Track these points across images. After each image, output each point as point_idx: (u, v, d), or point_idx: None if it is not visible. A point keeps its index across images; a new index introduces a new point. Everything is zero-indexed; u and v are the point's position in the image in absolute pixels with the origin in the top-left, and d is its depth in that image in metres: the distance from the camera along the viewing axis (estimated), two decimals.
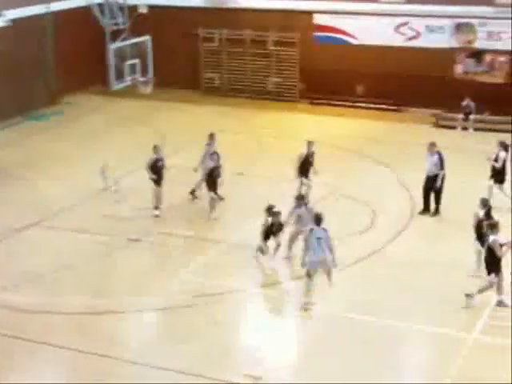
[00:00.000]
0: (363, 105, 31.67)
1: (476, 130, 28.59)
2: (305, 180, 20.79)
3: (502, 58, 30.21)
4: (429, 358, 14.03)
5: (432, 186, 20.23)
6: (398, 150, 26.10)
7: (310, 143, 21.02)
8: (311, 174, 20.88)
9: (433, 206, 20.38)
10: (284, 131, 28.44)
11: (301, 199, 17.53)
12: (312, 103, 32.54)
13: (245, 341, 14.86)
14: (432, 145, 20.41)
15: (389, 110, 31.23)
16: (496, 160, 20.73)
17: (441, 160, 20.19)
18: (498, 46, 30.07)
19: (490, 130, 28.19)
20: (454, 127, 29.02)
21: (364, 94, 31.84)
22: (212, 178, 19.99)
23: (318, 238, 15.17)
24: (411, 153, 25.37)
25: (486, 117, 29.05)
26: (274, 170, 23.53)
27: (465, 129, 28.85)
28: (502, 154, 20.65)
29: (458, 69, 30.97)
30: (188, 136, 26.88)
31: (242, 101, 32.54)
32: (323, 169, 21.64)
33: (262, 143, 26.86)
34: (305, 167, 20.83)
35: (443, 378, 13.00)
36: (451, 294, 15.88)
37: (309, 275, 15.34)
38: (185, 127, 28.60)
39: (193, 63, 34.14)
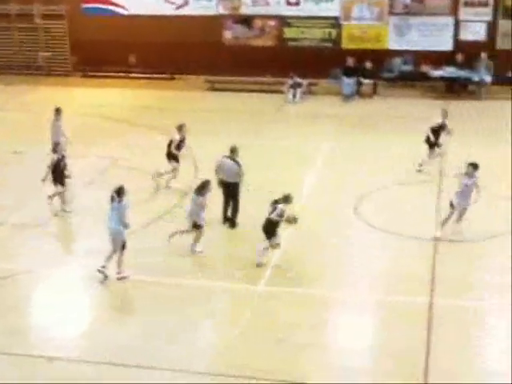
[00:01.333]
0: (137, 75, 31.79)
1: (251, 91, 29.64)
2: (176, 164, 19.91)
3: (271, 22, 31.37)
4: (220, 312, 14.51)
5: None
6: (174, 117, 26.37)
7: (181, 126, 20.00)
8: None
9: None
10: (59, 106, 27.85)
11: (206, 186, 16.25)
12: (85, 76, 32.22)
13: (37, 321, 14.58)
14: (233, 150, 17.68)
15: (163, 78, 31.58)
16: (436, 131, 20.60)
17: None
18: (265, 11, 31.19)
19: (264, 91, 29.49)
20: (228, 90, 29.92)
21: (137, 64, 31.94)
22: (58, 171, 18.50)
23: (112, 209, 15.21)
24: (188, 118, 25.79)
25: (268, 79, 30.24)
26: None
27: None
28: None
29: (227, 35, 31.80)
30: None
31: (12, 77, 31.57)
32: (102, 141, 21.56)
33: (37, 120, 26.21)
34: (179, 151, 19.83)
35: (233, 329, 13.53)
36: (238, 250, 16.59)
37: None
38: None
39: None
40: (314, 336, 13.41)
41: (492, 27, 29.89)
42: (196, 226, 16.32)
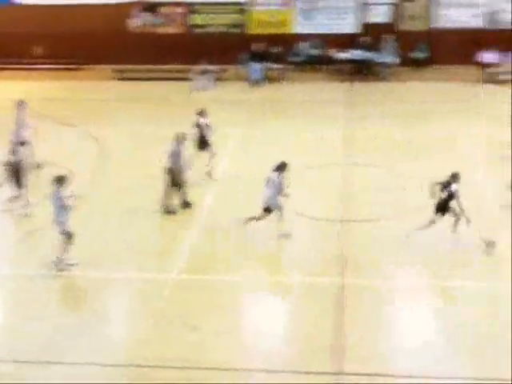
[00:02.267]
0: (42, 66, 31.15)
1: (160, 79, 29.43)
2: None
3: (178, 10, 31.18)
4: (134, 303, 14.36)
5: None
6: (82, 107, 26.09)
7: (202, 111, 19.88)
8: None
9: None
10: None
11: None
12: None
13: None
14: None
15: (69, 69, 31.02)
16: None
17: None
18: None
19: (173, 79, 29.34)
20: (136, 79, 29.64)
21: (42, 55, 31.28)
22: (17, 174, 17.72)
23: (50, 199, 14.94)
24: (96, 109, 25.55)
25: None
26: None
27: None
28: None
29: (134, 22, 31.46)
30: None
31: None
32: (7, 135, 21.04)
33: None
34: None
35: (147, 319, 13.42)
36: (152, 239, 16.56)
37: None
38: None
39: None
40: (228, 321, 13.44)
41: (396, 9, 30.40)
42: (268, 210, 16.04)
